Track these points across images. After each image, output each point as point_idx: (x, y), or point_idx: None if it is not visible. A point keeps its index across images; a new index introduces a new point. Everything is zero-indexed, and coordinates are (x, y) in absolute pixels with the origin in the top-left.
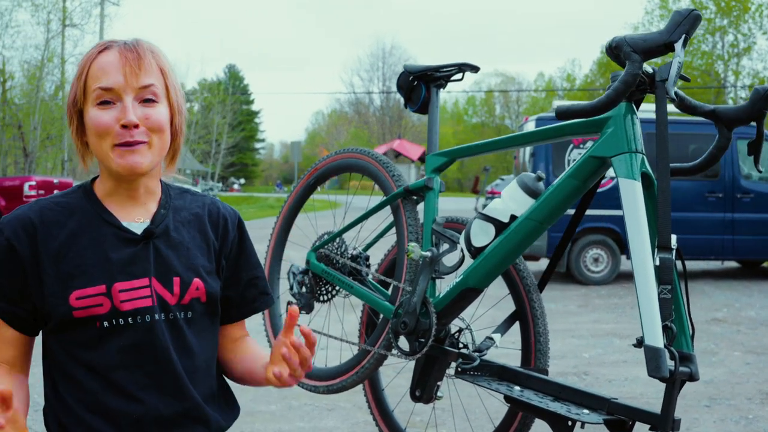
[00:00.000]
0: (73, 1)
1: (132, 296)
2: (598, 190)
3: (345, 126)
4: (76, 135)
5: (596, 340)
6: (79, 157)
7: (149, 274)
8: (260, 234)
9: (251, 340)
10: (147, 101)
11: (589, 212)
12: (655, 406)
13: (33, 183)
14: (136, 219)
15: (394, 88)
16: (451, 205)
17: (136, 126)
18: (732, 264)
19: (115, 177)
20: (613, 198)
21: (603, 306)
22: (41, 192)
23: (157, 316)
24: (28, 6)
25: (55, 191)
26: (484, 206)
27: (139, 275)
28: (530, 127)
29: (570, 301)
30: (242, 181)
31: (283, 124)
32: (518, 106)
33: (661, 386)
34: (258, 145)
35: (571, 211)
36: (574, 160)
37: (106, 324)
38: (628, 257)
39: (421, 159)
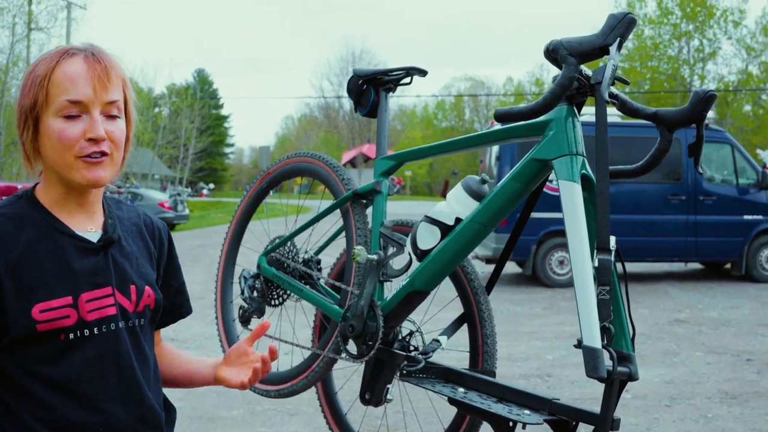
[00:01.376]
0: (38, 4)
1: (97, 306)
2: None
3: (315, 130)
4: (30, 140)
5: (560, 342)
6: (24, 162)
7: (111, 283)
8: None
9: (170, 344)
10: (111, 114)
11: (554, 215)
12: (582, 406)
13: None
14: (88, 229)
15: None
16: (421, 209)
17: (104, 139)
18: (695, 266)
19: (67, 186)
20: None
21: (568, 308)
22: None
23: (120, 324)
24: None
25: None
26: None
27: (102, 284)
28: None
29: (535, 304)
30: (211, 186)
31: (253, 128)
32: (487, 111)
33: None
34: (227, 150)
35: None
36: None
37: (71, 336)
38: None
39: None
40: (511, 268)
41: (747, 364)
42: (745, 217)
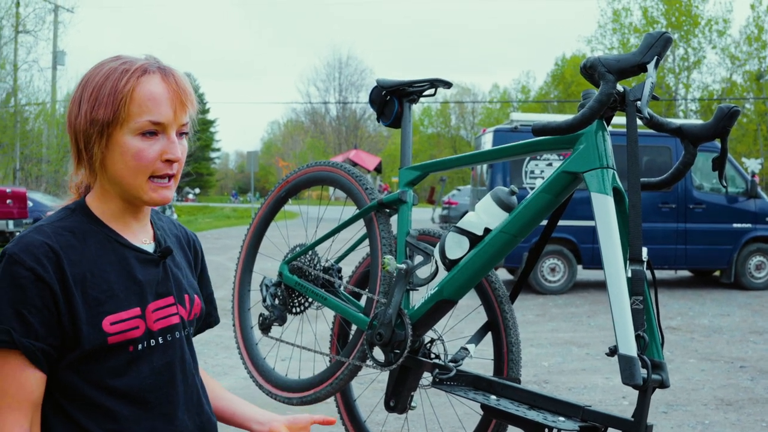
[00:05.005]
0: (26, 7)
1: (162, 315)
2: None
3: (301, 136)
4: (101, 153)
5: (555, 348)
6: (86, 173)
7: (172, 292)
8: (217, 245)
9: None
10: (180, 135)
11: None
12: (614, 412)
13: None
14: (143, 240)
15: (350, 98)
16: None
17: (178, 160)
18: (685, 273)
19: (127, 201)
20: (569, 209)
21: (560, 315)
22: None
23: (182, 333)
24: None
25: (8, 200)
26: (441, 216)
27: (164, 294)
28: (488, 138)
29: (528, 311)
30: (197, 190)
31: (239, 133)
32: (473, 117)
33: (619, 393)
34: (213, 155)
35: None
36: (531, 171)
37: (140, 347)
38: (585, 268)
39: (377, 169)
40: (502, 275)
41: (740, 370)
42: (734, 225)
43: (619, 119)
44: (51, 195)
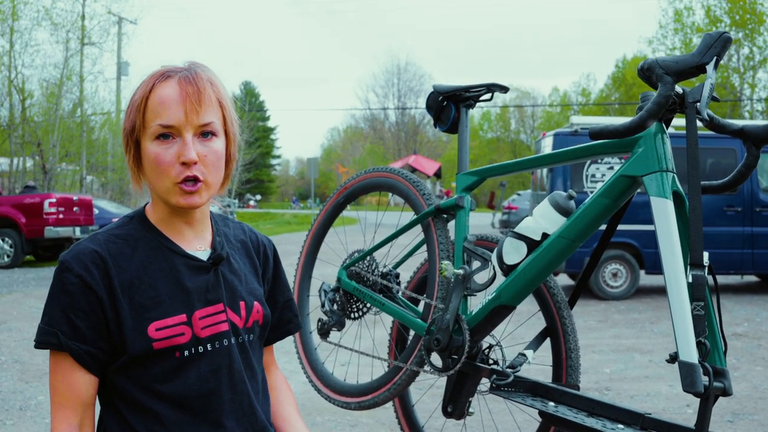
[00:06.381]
0: (91, 20)
1: (210, 322)
2: None
3: (360, 142)
4: (133, 162)
5: (617, 355)
6: (133, 181)
7: (222, 300)
8: (277, 250)
9: (281, 377)
10: (205, 135)
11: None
12: (678, 421)
13: (53, 200)
14: (197, 247)
15: (409, 103)
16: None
17: (195, 162)
18: (752, 278)
19: (170, 206)
20: (631, 213)
21: (623, 321)
22: (61, 209)
23: (232, 340)
24: (47, 25)
25: (75, 208)
26: (501, 221)
27: (213, 301)
28: (548, 142)
29: (589, 317)
30: (258, 197)
31: (299, 140)
32: (533, 121)
33: (683, 401)
34: (274, 162)
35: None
36: (592, 175)
37: (186, 353)
38: (648, 273)
39: (437, 175)
40: (563, 280)
41: None
42: None
43: (680, 121)
44: (116, 202)
